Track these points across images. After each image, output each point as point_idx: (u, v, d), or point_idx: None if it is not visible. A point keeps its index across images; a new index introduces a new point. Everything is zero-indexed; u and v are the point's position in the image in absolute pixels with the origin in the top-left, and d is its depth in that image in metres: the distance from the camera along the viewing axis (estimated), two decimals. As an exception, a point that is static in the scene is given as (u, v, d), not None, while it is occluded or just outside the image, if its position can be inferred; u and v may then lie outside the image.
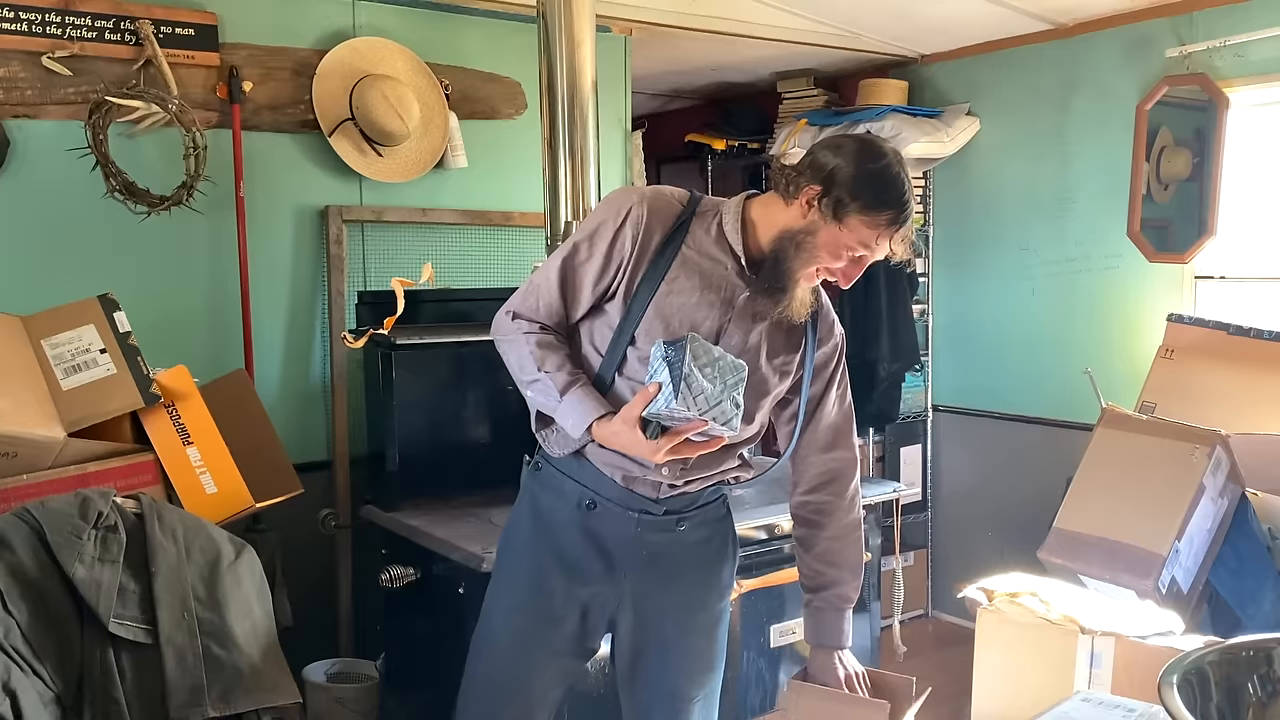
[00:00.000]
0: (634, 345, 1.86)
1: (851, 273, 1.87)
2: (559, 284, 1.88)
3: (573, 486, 1.94)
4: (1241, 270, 3.65)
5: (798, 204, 1.82)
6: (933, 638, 4.41)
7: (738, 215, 1.89)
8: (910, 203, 1.81)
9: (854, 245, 1.82)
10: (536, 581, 1.95)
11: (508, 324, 1.93)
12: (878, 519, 2.99)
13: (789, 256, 1.83)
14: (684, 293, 1.86)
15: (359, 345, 2.84)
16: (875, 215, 1.78)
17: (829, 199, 1.79)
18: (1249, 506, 2.81)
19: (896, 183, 1.79)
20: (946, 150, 4.28)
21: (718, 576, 2.06)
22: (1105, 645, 2.18)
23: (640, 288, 1.85)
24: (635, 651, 2.01)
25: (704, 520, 2.02)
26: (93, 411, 2.25)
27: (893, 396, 4.35)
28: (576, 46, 2.75)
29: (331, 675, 2.87)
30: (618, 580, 1.95)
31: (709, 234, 1.89)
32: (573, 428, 1.83)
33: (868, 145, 1.84)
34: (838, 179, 1.78)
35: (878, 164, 1.79)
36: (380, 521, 2.87)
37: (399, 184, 3.22)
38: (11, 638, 1.86)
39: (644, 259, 1.84)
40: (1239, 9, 3.47)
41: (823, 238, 1.81)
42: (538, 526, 1.98)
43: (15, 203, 2.72)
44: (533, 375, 1.86)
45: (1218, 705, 1.28)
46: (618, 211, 1.85)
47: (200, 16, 2.90)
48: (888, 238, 1.81)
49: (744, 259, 1.87)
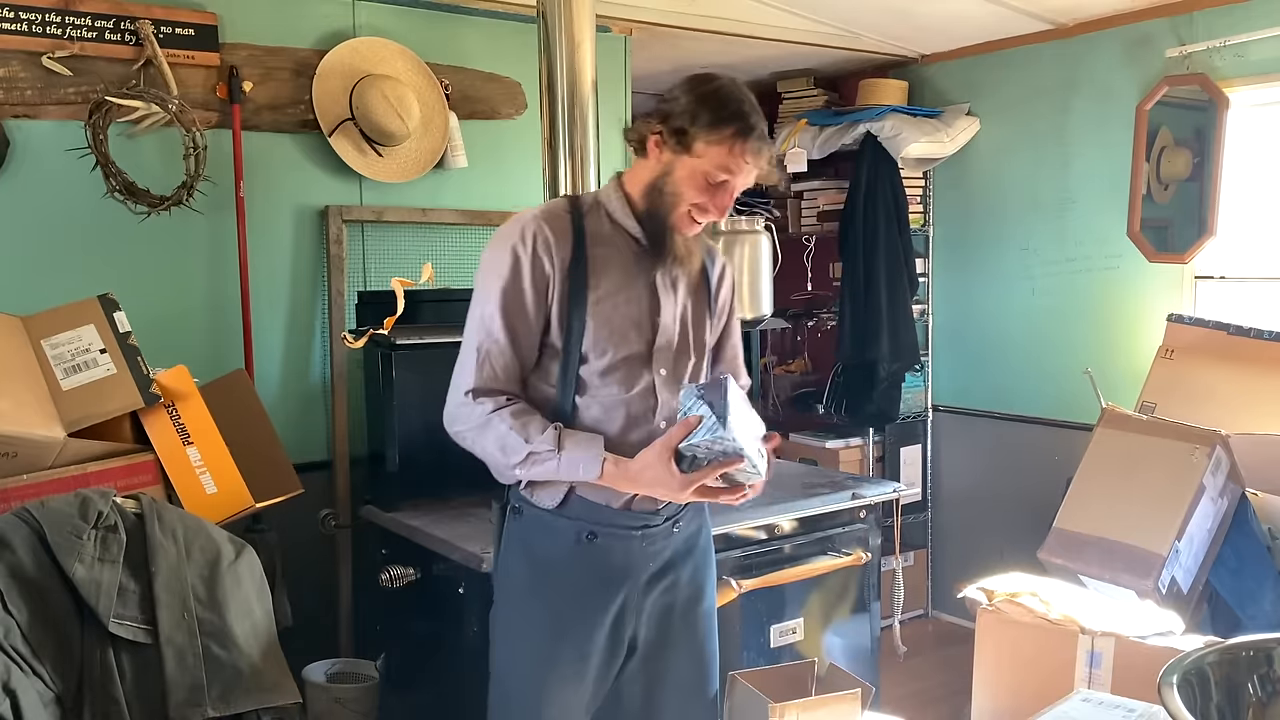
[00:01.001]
0: (585, 363, 1.86)
1: (722, 202, 1.86)
2: (508, 339, 1.84)
3: (566, 524, 1.89)
4: (1241, 270, 3.65)
5: (650, 153, 1.84)
6: (933, 638, 4.41)
7: (619, 195, 1.91)
8: (754, 116, 1.81)
9: (711, 171, 1.81)
10: (554, 627, 1.90)
11: (469, 409, 1.84)
12: (878, 519, 2.99)
13: (659, 205, 1.85)
14: (611, 292, 1.87)
15: (359, 345, 2.84)
16: (719, 131, 1.78)
17: (671, 131, 1.80)
18: (1249, 506, 2.81)
19: (733, 98, 1.80)
20: (946, 150, 4.28)
21: (711, 565, 2.08)
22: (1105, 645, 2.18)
23: (572, 305, 1.85)
24: (652, 657, 1.99)
25: (691, 515, 2.02)
26: (93, 411, 2.25)
27: (893, 396, 4.35)
28: (576, 46, 2.75)
29: (331, 675, 2.87)
30: (634, 596, 1.94)
31: (603, 226, 1.90)
32: (585, 473, 1.81)
33: (699, 74, 1.86)
34: (674, 111, 1.81)
35: (709, 85, 1.81)
36: (380, 521, 2.86)
37: (399, 184, 3.22)
38: (11, 638, 1.86)
39: (566, 276, 1.84)
40: (1239, 9, 3.47)
41: (680, 174, 1.82)
42: (536, 573, 1.92)
43: (15, 203, 2.71)
44: (521, 455, 1.80)
45: (1218, 705, 1.28)
46: (522, 241, 1.84)
47: (200, 16, 2.90)
48: (741, 155, 1.80)
49: (639, 231, 1.89)
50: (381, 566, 2.73)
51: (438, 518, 2.74)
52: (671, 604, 1.99)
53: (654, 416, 1.91)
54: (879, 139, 4.20)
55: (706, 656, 2.06)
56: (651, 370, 1.90)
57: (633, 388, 1.88)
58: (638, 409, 1.89)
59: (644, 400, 1.90)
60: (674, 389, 1.93)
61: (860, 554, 2.87)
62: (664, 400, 1.91)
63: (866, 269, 4.25)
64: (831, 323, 4.60)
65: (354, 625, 3.13)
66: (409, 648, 2.83)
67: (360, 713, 2.78)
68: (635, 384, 1.89)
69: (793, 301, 4.73)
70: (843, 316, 4.35)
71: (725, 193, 1.85)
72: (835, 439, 4.47)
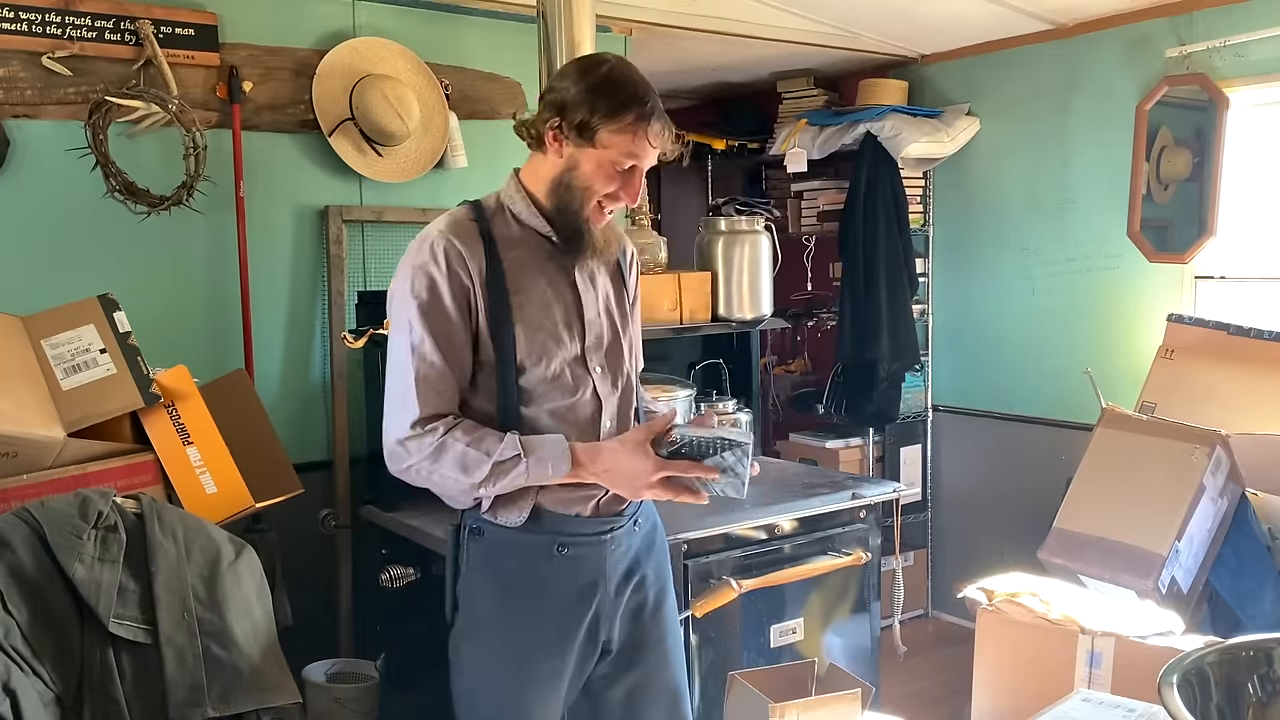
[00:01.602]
0: (523, 373, 1.81)
1: (633, 187, 1.82)
2: (443, 360, 1.77)
3: (532, 539, 1.84)
4: (1241, 270, 3.65)
5: (550, 148, 1.81)
6: (933, 638, 4.41)
7: (522, 193, 1.87)
8: (651, 96, 1.77)
9: (618, 159, 1.78)
10: (526, 654, 1.86)
11: (419, 441, 1.75)
12: (878, 519, 2.99)
13: (568, 200, 1.81)
14: (532, 296, 1.83)
15: (359, 345, 2.84)
16: (621, 119, 1.75)
17: (570, 126, 1.76)
18: (1249, 506, 2.81)
19: (627, 82, 1.77)
20: (946, 150, 4.28)
21: (668, 561, 2.07)
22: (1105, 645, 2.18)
23: (496, 316, 1.79)
24: (628, 659, 1.98)
25: (646, 512, 2.00)
26: (93, 411, 2.25)
27: (893, 396, 4.35)
28: (576, 46, 2.75)
29: (331, 675, 2.87)
30: (604, 604, 1.91)
31: (511, 229, 1.86)
32: (556, 470, 1.76)
33: (584, 60, 1.83)
34: (569, 102, 1.76)
35: (599, 72, 1.77)
36: (380, 521, 2.87)
37: (399, 184, 3.22)
38: (11, 638, 1.86)
39: (484, 284, 1.79)
40: (1239, 9, 3.47)
41: (586, 166, 1.79)
42: (504, 597, 1.86)
43: (15, 203, 2.71)
44: (485, 470, 1.73)
45: (1218, 705, 1.28)
46: (434, 260, 1.77)
47: (200, 16, 2.90)
48: (645, 139, 1.77)
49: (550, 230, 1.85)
50: (381, 566, 2.73)
51: (438, 518, 2.73)
52: (642, 603, 1.97)
53: (600, 416, 1.88)
54: (879, 139, 4.20)
55: (677, 654, 2.05)
56: (588, 367, 1.87)
57: (577, 390, 1.85)
58: (586, 411, 1.87)
59: (592, 402, 1.88)
60: (611, 385, 1.90)
61: (860, 554, 2.87)
62: (605, 396, 1.89)
63: (866, 269, 4.26)
64: (831, 323, 4.60)
65: (354, 625, 3.13)
66: (409, 648, 2.83)
67: (360, 713, 2.78)
68: (579, 386, 1.85)
69: (793, 301, 4.74)
70: (843, 316, 4.35)
71: (634, 177, 1.81)
72: (835, 439, 4.48)
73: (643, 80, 1.79)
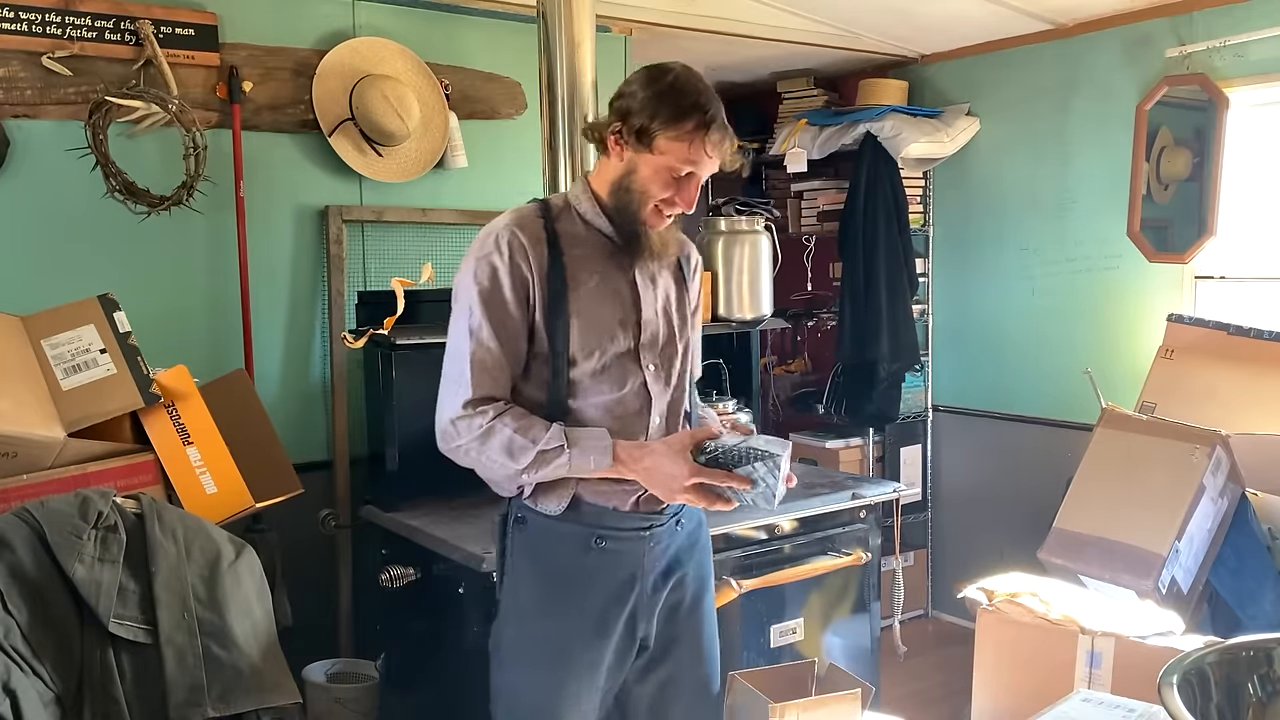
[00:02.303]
0: (574, 365, 1.85)
1: (689, 194, 1.87)
2: (499, 346, 1.82)
3: (572, 530, 1.88)
4: (1241, 270, 3.65)
5: (612, 151, 1.85)
6: (933, 638, 4.41)
7: (588, 194, 1.92)
8: (713, 106, 1.81)
9: (675, 166, 1.82)
10: (565, 648, 1.89)
11: (469, 422, 1.80)
12: (878, 519, 2.99)
13: (628, 203, 1.86)
14: (590, 294, 1.87)
15: (359, 345, 2.84)
16: (680, 127, 1.79)
17: (631, 131, 1.81)
18: (1249, 506, 2.81)
19: (689, 90, 1.80)
20: (946, 150, 4.28)
21: (710, 561, 2.09)
22: (1105, 645, 2.18)
23: (553, 309, 1.84)
24: (662, 655, 1.99)
25: (690, 511, 2.02)
26: (93, 411, 2.25)
27: (893, 396, 4.35)
28: (576, 46, 2.75)
29: (331, 675, 2.87)
30: (642, 601, 1.93)
31: (576, 227, 1.91)
32: (597, 464, 1.80)
33: (652, 68, 1.86)
34: (632, 109, 1.81)
35: (665, 80, 1.81)
36: (380, 521, 2.87)
37: (399, 184, 3.22)
38: (11, 638, 1.86)
39: (544, 278, 1.84)
40: (1239, 9, 3.47)
41: (644, 171, 1.83)
42: (545, 588, 1.90)
43: (15, 203, 2.72)
44: (530, 456, 1.78)
45: (1218, 705, 1.28)
46: (497, 251, 1.83)
47: (200, 16, 2.90)
48: (703, 148, 1.81)
49: (612, 230, 1.90)
50: (381, 566, 2.73)
51: (438, 518, 2.74)
52: (679, 601, 1.99)
53: (649, 413, 1.91)
54: (879, 139, 4.20)
55: (711, 653, 2.06)
56: (641, 367, 1.90)
57: (625, 386, 1.88)
58: (633, 406, 1.89)
59: (638, 398, 1.90)
60: (664, 384, 1.93)
61: (860, 554, 2.87)
62: (656, 395, 1.91)
63: (866, 269, 4.25)
64: (831, 323, 4.60)
65: (354, 625, 3.13)
66: (409, 648, 2.83)
67: (360, 713, 2.78)
68: (627, 382, 1.89)
69: (793, 301, 4.73)
70: (843, 316, 4.35)
71: (691, 184, 1.86)
72: (835, 439, 4.47)
73: (707, 89, 1.82)
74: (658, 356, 1.93)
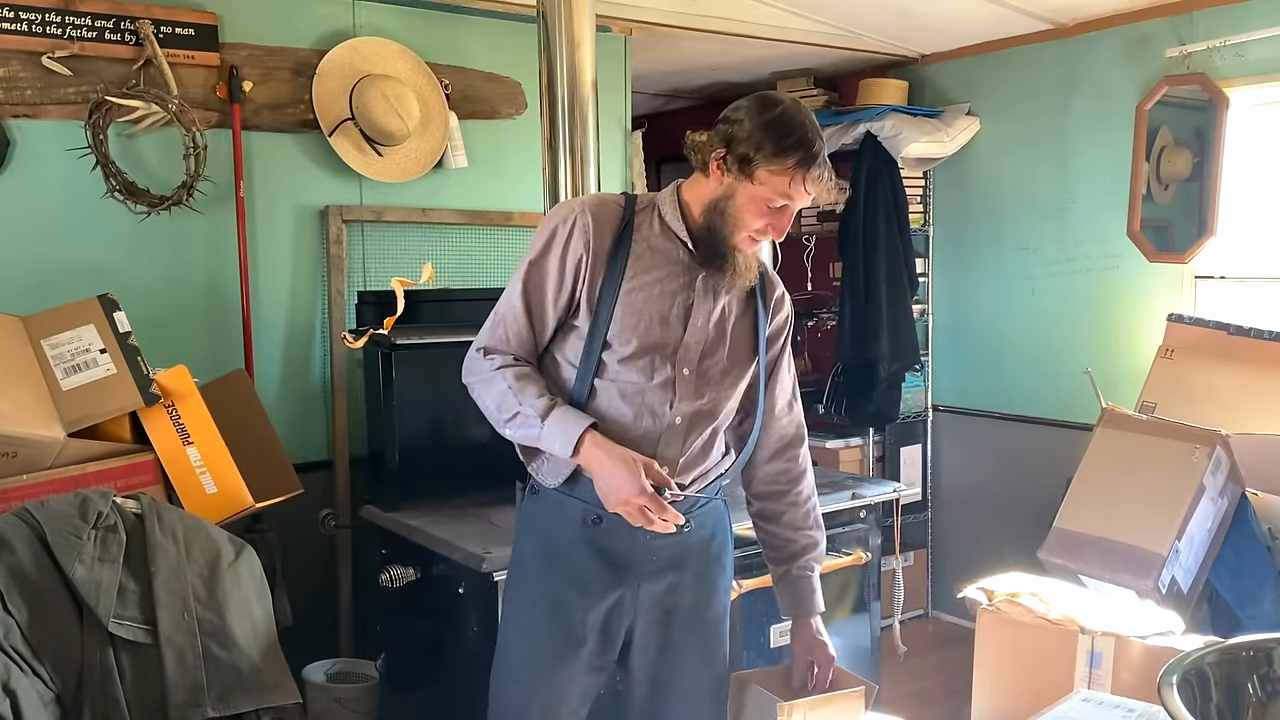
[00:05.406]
0: (608, 348, 1.88)
1: (781, 225, 1.90)
2: (524, 309, 1.90)
3: (574, 504, 1.92)
4: (1241, 270, 3.65)
5: (712, 174, 1.87)
6: (933, 638, 4.41)
7: (675, 201, 1.94)
8: (816, 142, 1.82)
9: (772, 197, 1.84)
10: (552, 607, 1.94)
11: (480, 363, 1.91)
12: (878, 519, 2.99)
13: (719, 225, 1.88)
14: (645, 286, 1.89)
15: (359, 345, 2.84)
16: (781, 161, 1.80)
17: (734, 158, 1.82)
18: (1249, 506, 2.80)
19: (796, 125, 1.81)
20: (946, 150, 4.28)
21: (723, 572, 2.08)
22: (1105, 645, 2.18)
23: (603, 291, 1.87)
24: (654, 658, 2.00)
25: (705, 519, 2.02)
26: (93, 411, 2.25)
27: (893, 396, 4.35)
28: (576, 46, 2.75)
29: (331, 675, 2.87)
30: (632, 590, 1.95)
31: (654, 227, 1.93)
32: (560, 449, 1.82)
33: (762, 98, 1.87)
34: (738, 136, 1.82)
35: (773, 112, 1.82)
36: (380, 521, 2.86)
37: (399, 184, 3.22)
38: (11, 638, 1.86)
39: (600, 262, 1.87)
40: (1239, 9, 3.47)
41: (741, 199, 1.85)
42: (544, 551, 1.97)
43: (15, 203, 2.71)
44: (511, 411, 1.85)
45: (1218, 705, 1.28)
46: (563, 223, 1.89)
47: (200, 16, 2.90)
48: (801, 182, 1.83)
49: (689, 241, 1.92)
50: (381, 566, 2.73)
51: (438, 518, 2.74)
52: (674, 607, 1.99)
53: (669, 410, 1.90)
54: (879, 139, 4.20)
55: (714, 663, 2.05)
56: (675, 366, 1.90)
57: (653, 378, 1.89)
58: (654, 399, 1.89)
59: (662, 392, 1.89)
60: (695, 392, 1.92)
61: (860, 554, 2.87)
62: (682, 396, 1.91)
63: (866, 269, 4.25)
64: (831, 323, 4.60)
65: (354, 625, 3.13)
66: (409, 648, 2.83)
67: (360, 713, 2.78)
68: (655, 375, 1.89)
69: (792, 301, 4.73)
70: (843, 316, 4.35)
71: (784, 215, 1.88)
72: (835, 439, 4.47)
73: (813, 125, 1.83)
74: (696, 362, 1.93)
